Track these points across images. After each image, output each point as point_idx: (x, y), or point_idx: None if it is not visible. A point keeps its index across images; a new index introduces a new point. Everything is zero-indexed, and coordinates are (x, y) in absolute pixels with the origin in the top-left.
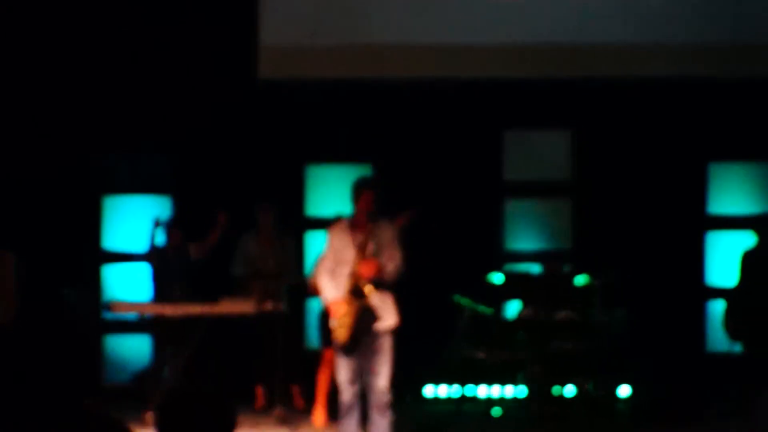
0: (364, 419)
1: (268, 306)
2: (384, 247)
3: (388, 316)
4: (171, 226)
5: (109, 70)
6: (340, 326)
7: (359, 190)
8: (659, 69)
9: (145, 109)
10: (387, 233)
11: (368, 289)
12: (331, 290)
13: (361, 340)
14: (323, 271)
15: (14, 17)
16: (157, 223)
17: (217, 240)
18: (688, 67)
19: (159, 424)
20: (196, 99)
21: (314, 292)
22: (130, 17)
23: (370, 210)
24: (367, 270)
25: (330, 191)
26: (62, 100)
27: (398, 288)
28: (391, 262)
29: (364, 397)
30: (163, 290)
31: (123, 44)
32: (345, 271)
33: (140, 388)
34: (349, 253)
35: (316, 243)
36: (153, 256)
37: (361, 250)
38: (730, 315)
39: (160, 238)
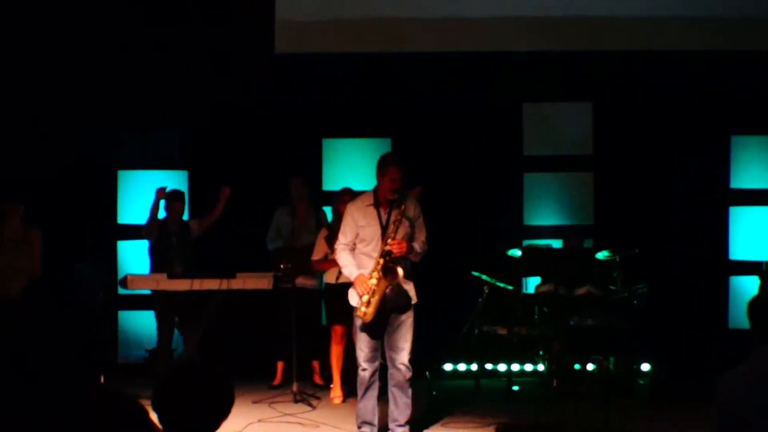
0: (382, 395)
1: (302, 281)
2: (412, 227)
3: (411, 294)
4: (173, 200)
5: (125, 45)
6: (367, 305)
7: (386, 166)
8: (681, 41)
9: (160, 84)
10: (412, 211)
11: (399, 270)
12: (354, 267)
13: (386, 318)
14: (343, 247)
15: None
16: (160, 195)
17: (219, 215)
18: (710, 39)
19: (154, 397)
20: (213, 74)
21: (317, 268)
22: None
23: (396, 186)
24: (398, 249)
25: (347, 165)
26: (77, 76)
27: (418, 264)
28: (418, 241)
29: (382, 374)
30: (161, 265)
31: (139, 19)
32: (369, 249)
33: (154, 364)
34: (374, 231)
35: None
36: (153, 229)
37: (393, 227)
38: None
39: (162, 212)
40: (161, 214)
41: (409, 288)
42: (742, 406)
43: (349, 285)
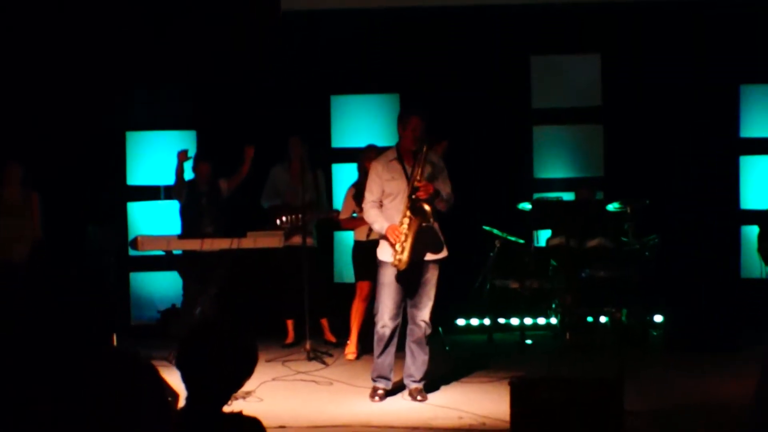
0: (398, 352)
1: (298, 240)
2: (436, 176)
3: (440, 248)
4: (200, 161)
5: (131, 5)
6: (401, 251)
7: (408, 116)
8: None
9: (167, 43)
10: (438, 163)
11: (426, 207)
12: (384, 222)
13: (414, 273)
14: (371, 204)
15: None
16: (183, 158)
17: (246, 174)
18: None
19: (178, 356)
20: (219, 32)
21: (345, 226)
22: None
23: (419, 136)
24: (425, 191)
25: (355, 122)
26: (84, 37)
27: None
28: (444, 192)
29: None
30: (193, 226)
31: None
32: (394, 203)
33: (167, 325)
34: (399, 185)
35: (342, 174)
36: (181, 191)
37: (419, 169)
38: (763, 239)
39: (188, 174)
40: (189, 175)
41: (441, 241)
42: None
43: (377, 242)
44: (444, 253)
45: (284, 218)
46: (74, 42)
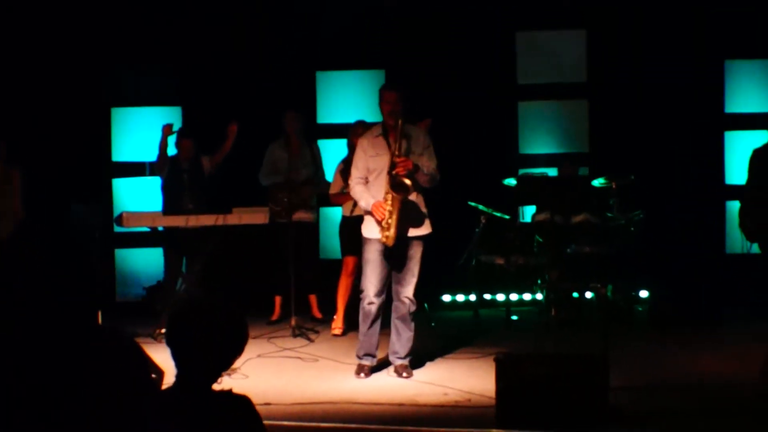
0: (383, 329)
1: (301, 215)
2: (419, 153)
3: (424, 225)
4: (183, 137)
5: None
6: (387, 227)
7: (383, 91)
8: None
9: (151, 20)
10: (420, 138)
11: (407, 181)
12: (370, 198)
13: (398, 249)
14: (357, 180)
15: None
16: (167, 132)
17: (229, 151)
18: None
19: (168, 333)
20: (203, 7)
21: (334, 202)
22: None
23: (392, 109)
24: (403, 166)
25: (341, 98)
26: (69, 12)
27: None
28: (426, 168)
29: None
30: (174, 202)
31: None
32: (379, 180)
33: (153, 301)
34: (384, 160)
35: (328, 150)
36: (163, 166)
37: (398, 144)
38: (744, 215)
39: (171, 149)
40: (171, 151)
41: (424, 216)
42: None
43: (362, 218)
44: (427, 229)
45: (287, 198)
46: (59, 19)
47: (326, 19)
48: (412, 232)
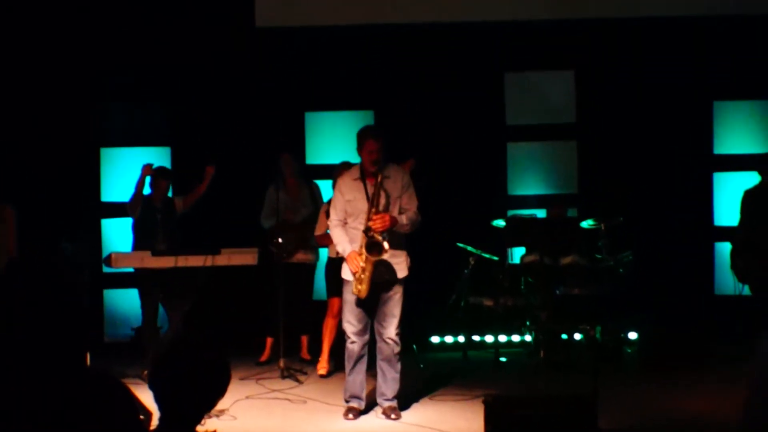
0: (370, 369)
1: (300, 256)
2: (397, 196)
3: (400, 268)
4: (159, 177)
5: (106, 22)
6: (360, 282)
7: (362, 139)
8: (662, 7)
9: (142, 59)
10: (399, 181)
11: (385, 244)
12: (347, 244)
13: (376, 292)
14: (336, 223)
15: None
16: (147, 171)
17: (204, 192)
18: (691, 4)
19: (150, 375)
20: (194, 49)
21: (320, 243)
22: None
23: (375, 159)
24: (381, 224)
25: (330, 139)
26: (59, 52)
27: (405, 237)
28: (406, 214)
29: (370, 348)
30: (145, 242)
31: None
32: (357, 223)
33: (140, 342)
34: (361, 205)
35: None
36: (137, 205)
37: (373, 202)
38: (736, 256)
39: (147, 189)
40: (146, 190)
41: (401, 260)
42: None
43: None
44: (404, 272)
45: (279, 240)
46: (49, 57)
47: (315, 60)
48: (390, 276)
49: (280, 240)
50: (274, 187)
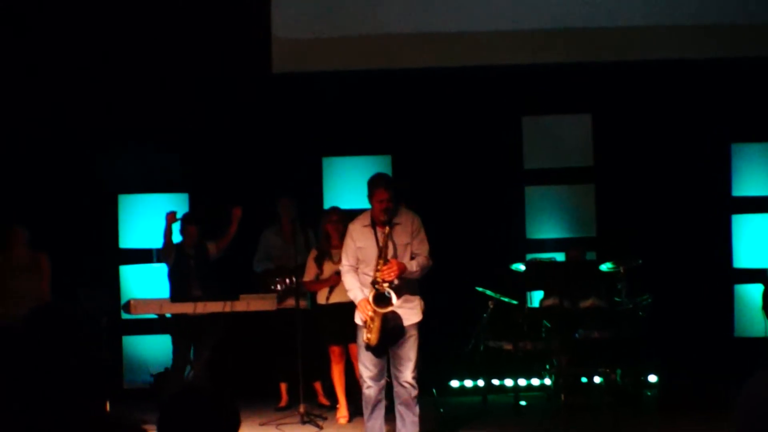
0: (388, 414)
1: (292, 302)
2: (408, 242)
3: (413, 313)
4: (187, 223)
5: (122, 68)
6: (369, 330)
7: (373, 187)
8: (678, 50)
9: (158, 105)
10: (410, 226)
11: (393, 296)
12: (359, 291)
13: (388, 339)
14: (347, 268)
15: (25, 11)
16: (171, 219)
17: (234, 235)
18: (709, 47)
19: (159, 422)
20: (210, 95)
21: (309, 289)
22: (142, 12)
23: (385, 207)
24: (389, 275)
25: (348, 184)
26: (74, 98)
27: (421, 280)
28: (416, 259)
29: (388, 392)
30: (181, 289)
31: (135, 40)
32: (369, 270)
33: (160, 389)
34: (372, 252)
35: None
36: (169, 253)
37: (381, 253)
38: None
39: (176, 236)
40: (177, 238)
41: (414, 305)
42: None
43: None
44: (418, 317)
45: (278, 284)
46: (66, 106)
47: (332, 105)
48: (403, 321)
49: (275, 285)
50: (270, 231)
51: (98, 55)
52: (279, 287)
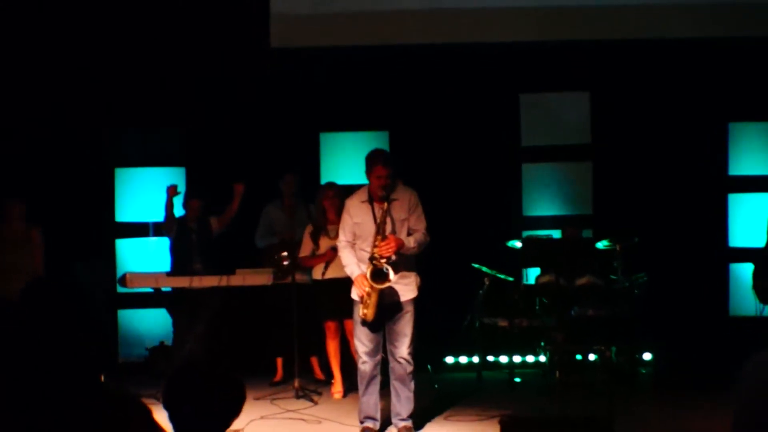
0: (383, 389)
1: (295, 277)
2: (405, 217)
3: (409, 289)
4: (190, 197)
5: (121, 44)
6: (366, 306)
7: (371, 164)
8: (677, 29)
9: (156, 81)
10: (407, 202)
11: (390, 272)
12: (355, 266)
13: (384, 315)
14: (344, 244)
15: None
16: (172, 192)
17: (236, 211)
18: (706, 26)
19: (165, 396)
20: (208, 70)
21: (305, 264)
22: None
23: (383, 184)
24: (387, 250)
25: (345, 159)
26: (74, 75)
27: (418, 257)
28: (414, 235)
29: (383, 368)
30: (183, 263)
31: (135, 17)
32: (366, 245)
33: (155, 363)
34: (369, 227)
35: None
36: (171, 226)
37: (379, 228)
38: (758, 277)
39: (178, 210)
40: (179, 211)
41: (410, 281)
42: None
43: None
44: (414, 293)
45: (285, 259)
46: (65, 79)
47: (330, 81)
48: (399, 297)
49: (284, 260)
50: (273, 206)
51: (98, 31)
52: (286, 262)
